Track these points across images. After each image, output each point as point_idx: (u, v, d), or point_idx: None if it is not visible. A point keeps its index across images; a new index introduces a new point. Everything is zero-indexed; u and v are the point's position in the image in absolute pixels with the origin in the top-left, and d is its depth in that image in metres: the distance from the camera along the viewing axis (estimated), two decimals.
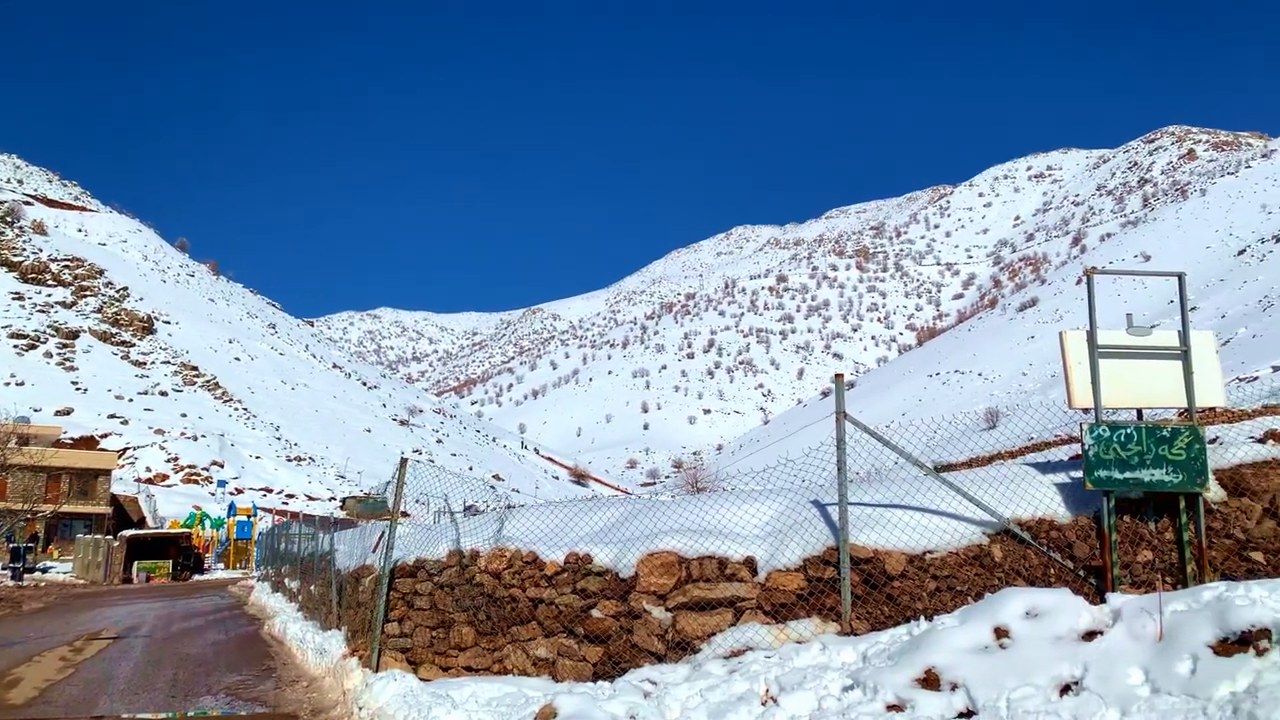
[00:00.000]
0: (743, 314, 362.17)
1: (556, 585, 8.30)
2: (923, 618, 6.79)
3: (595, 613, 7.95)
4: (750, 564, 7.58)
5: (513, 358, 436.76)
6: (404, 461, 10.36)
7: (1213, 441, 7.63)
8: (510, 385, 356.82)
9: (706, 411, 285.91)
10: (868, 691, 5.78)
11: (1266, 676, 4.48)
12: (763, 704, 6.15)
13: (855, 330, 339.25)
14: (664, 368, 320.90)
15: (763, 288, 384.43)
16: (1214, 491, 7.17)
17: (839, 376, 7.75)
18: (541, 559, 8.50)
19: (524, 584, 8.50)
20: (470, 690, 7.62)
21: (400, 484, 9.93)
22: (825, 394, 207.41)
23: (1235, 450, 7.41)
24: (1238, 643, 4.84)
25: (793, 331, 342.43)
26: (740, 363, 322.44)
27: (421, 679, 8.40)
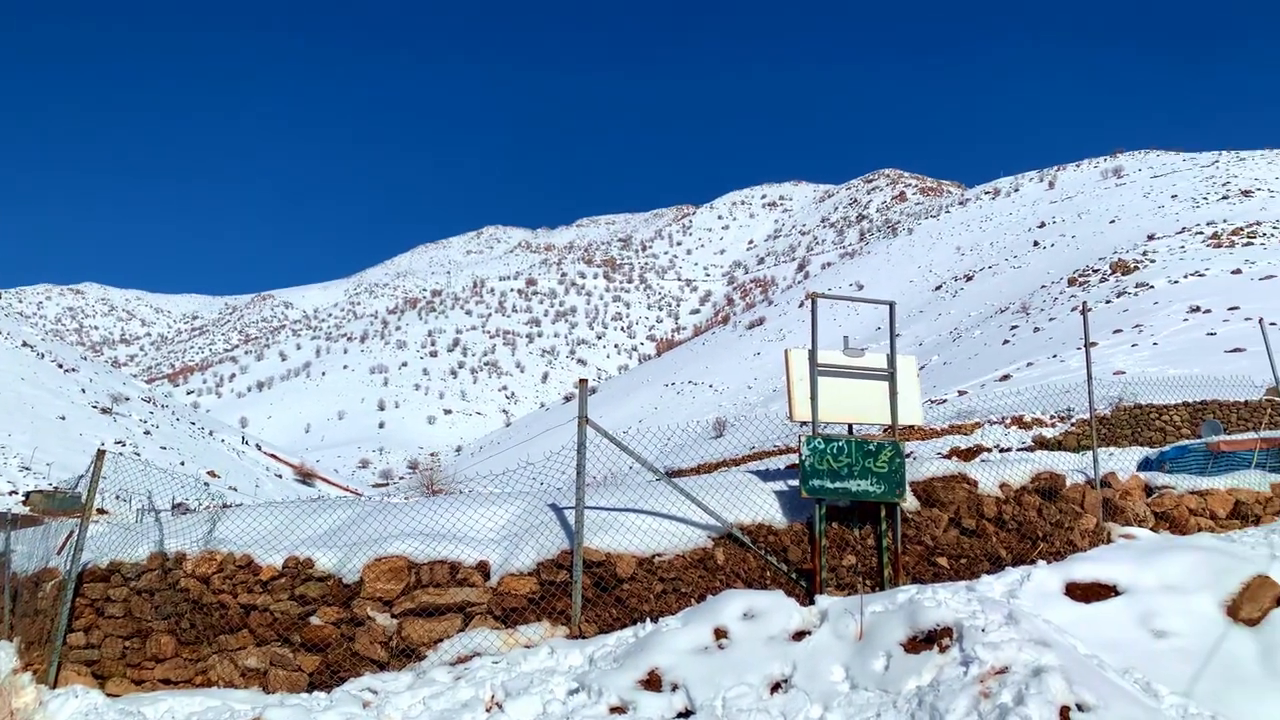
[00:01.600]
0: (490, 315, 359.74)
1: (273, 591, 7.74)
2: (649, 620, 6.96)
3: (315, 620, 7.49)
4: (483, 568, 7.45)
5: (237, 346, 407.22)
6: (101, 453, 9.29)
7: (909, 456, 8.42)
8: (233, 375, 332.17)
9: (447, 412, 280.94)
10: (592, 694, 5.83)
11: (947, 671, 4.97)
12: (487, 710, 6.05)
13: (600, 338, 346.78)
14: (405, 365, 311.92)
15: (512, 290, 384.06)
16: (910, 502, 7.91)
17: (582, 382, 7.81)
18: (258, 563, 7.90)
19: (236, 590, 7.86)
20: (167, 705, 6.93)
21: (96, 478, 8.89)
22: (568, 398, 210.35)
23: (928, 465, 8.22)
24: (925, 641, 5.34)
25: (539, 335, 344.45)
26: (485, 364, 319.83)
27: (109, 694, 7.55)
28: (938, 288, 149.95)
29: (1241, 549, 6.61)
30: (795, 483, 7.93)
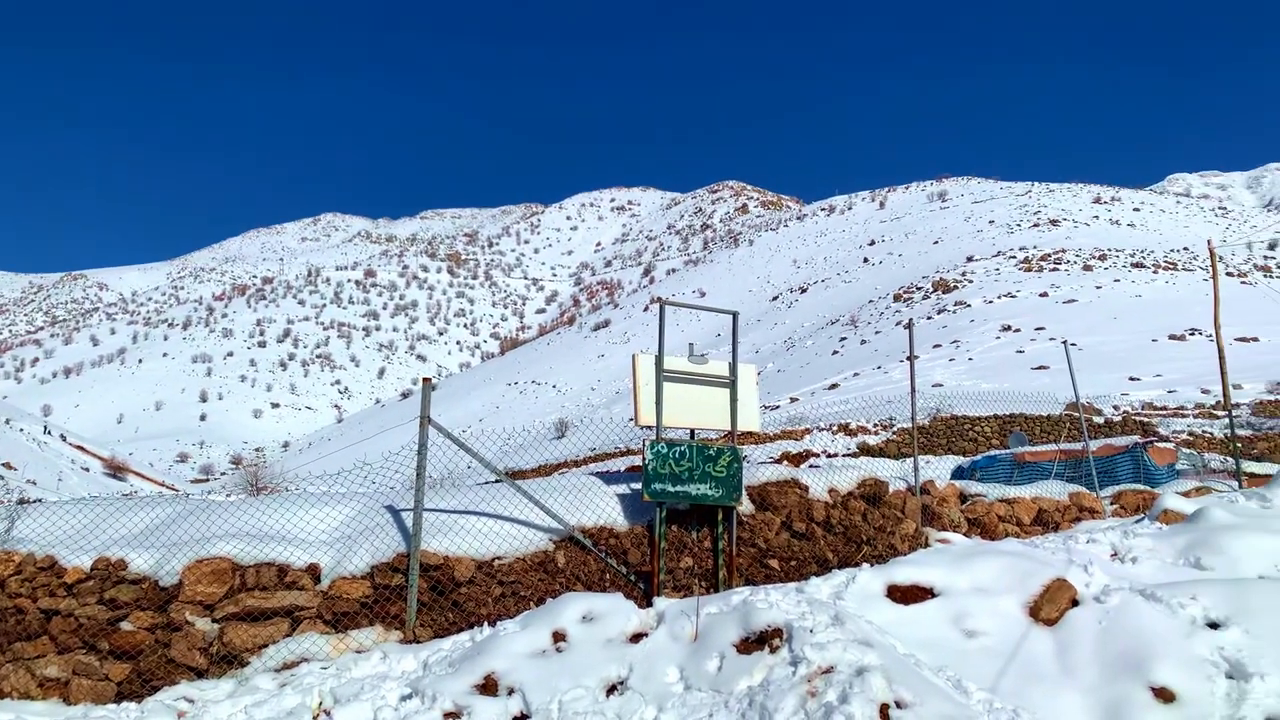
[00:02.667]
0: (325, 305, 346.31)
1: (79, 595, 7.17)
2: (487, 624, 6.88)
3: (126, 625, 6.99)
4: (314, 571, 7.17)
5: (42, 328, 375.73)
6: None
7: (746, 460, 8.68)
8: (36, 360, 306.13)
9: (275, 405, 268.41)
10: (426, 700, 5.71)
11: (777, 671, 5.15)
12: (315, 718, 5.83)
13: (441, 334, 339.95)
14: (230, 355, 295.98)
15: (349, 280, 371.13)
16: (746, 506, 8.15)
17: (426, 381, 7.64)
18: (62, 564, 7.29)
19: (37, 594, 7.23)
20: None
21: None
22: (406, 395, 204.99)
23: (764, 470, 8.49)
24: (757, 642, 5.51)
25: (377, 329, 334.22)
26: (318, 356, 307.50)
27: None
28: (775, 298, 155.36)
29: (1043, 554, 7.15)
30: (637, 486, 8.03)
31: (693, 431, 8.40)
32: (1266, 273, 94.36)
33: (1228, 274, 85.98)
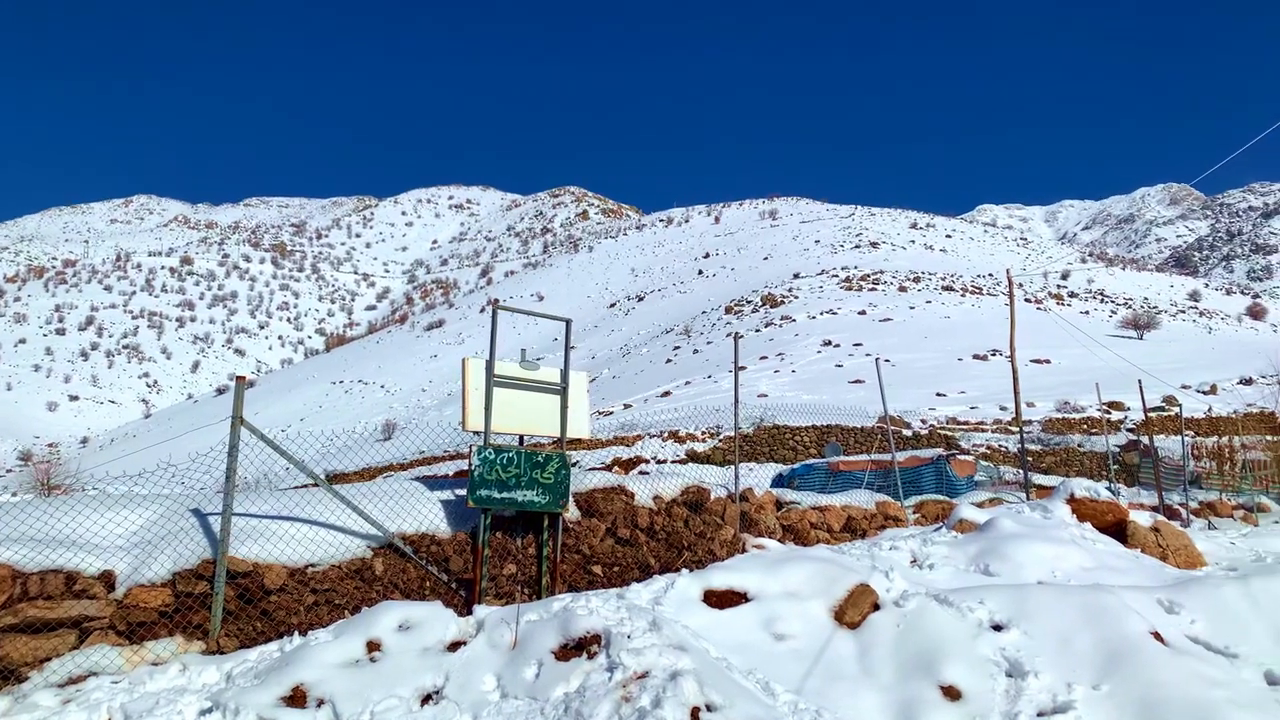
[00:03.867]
0: (135, 293, 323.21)
1: None
2: (298, 633, 6.62)
3: None
4: (108, 579, 6.68)
5: None
6: None
7: (575, 465, 8.74)
8: None
9: (74, 398, 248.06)
10: (228, 713, 5.45)
11: (594, 677, 5.21)
12: None
13: (263, 328, 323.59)
14: (23, 341, 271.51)
15: (163, 267, 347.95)
16: (572, 512, 8.20)
17: (240, 379, 7.29)
18: None
19: None
20: None
21: None
22: (221, 391, 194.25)
23: (592, 477, 8.58)
24: (575, 648, 5.56)
25: (193, 320, 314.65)
26: (125, 347, 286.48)
27: None
28: (612, 305, 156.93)
29: (849, 560, 7.55)
30: (463, 491, 7.94)
31: (521, 438, 8.38)
32: (1059, 300, 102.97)
33: (1026, 300, 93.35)
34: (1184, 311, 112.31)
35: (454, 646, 5.98)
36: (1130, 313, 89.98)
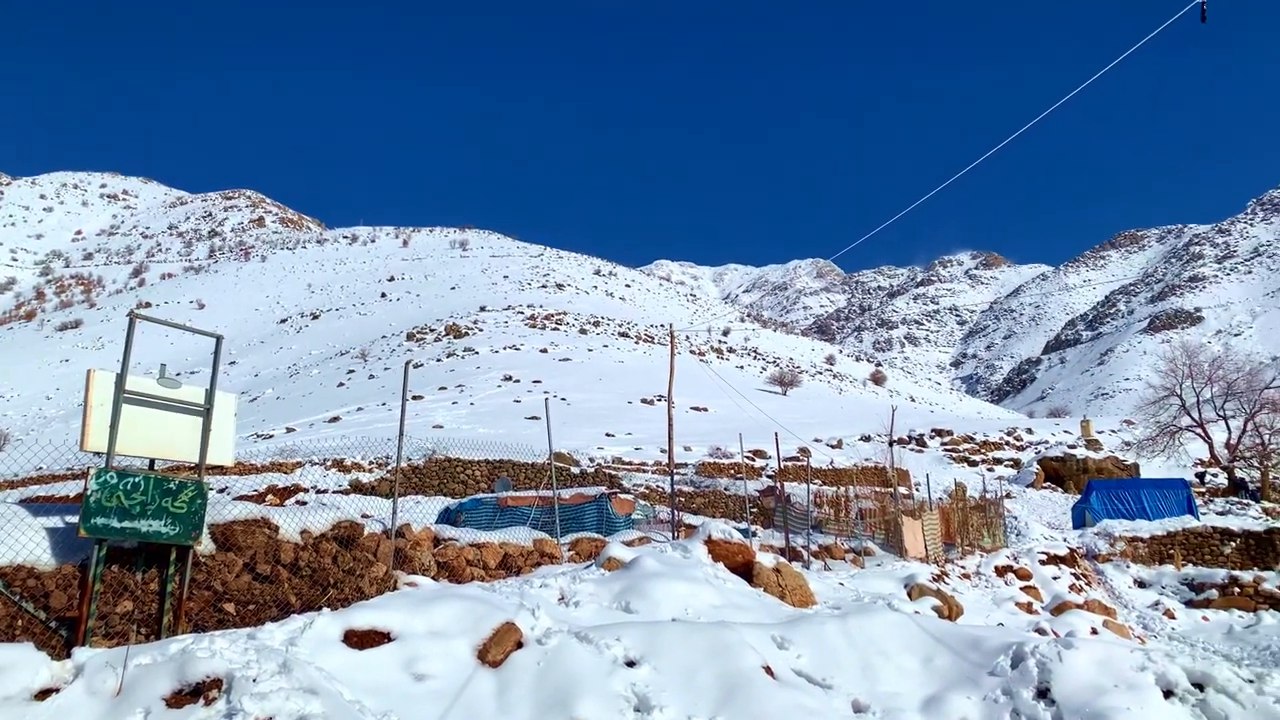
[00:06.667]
0: None
1: None
2: None
3: None
4: None
5: None
6: None
7: (223, 491, 8.10)
8: None
9: None
10: None
11: None
12: None
13: None
14: None
15: None
16: (206, 545, 7.57)
17: None
18: None
19: None
20: None
21: None
22: None
23: (232, 508, 7.98)
24: (192, 694, 5.12)
25: None
26: None
27: None
28: (284, 321, 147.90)
29: (498, 598, 7.63)
30: (76, 519, 7.06)
31: (153, 461, 7.63)
32: (720, 355, 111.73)
33: (691, 352, 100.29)
34: (821, 373, 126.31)
35: (44, 694, 5.28)
36: (778, 371, 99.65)
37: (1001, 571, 21.42)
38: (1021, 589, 20.29)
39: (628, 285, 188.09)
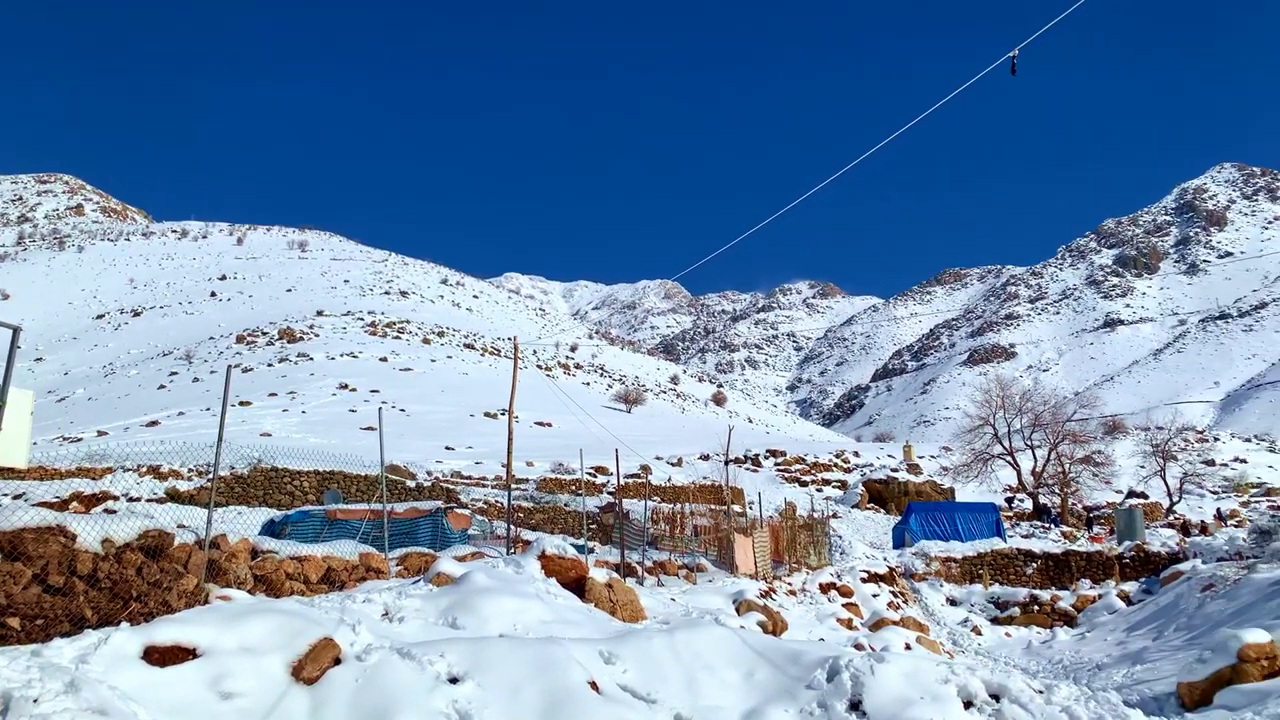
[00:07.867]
0: None
1: None
2: None
3: None
4: None
5: None
6: None
7: (22, 497, 7.46)
8: None
9: None
10: None
11: None
12: None
13: None
14: None
15: None
16: None
17: None
18: None
19: None
20: None
21: None
22: None
23: (23, 514, 7.36)
24: None
25: None
26: None
27: None
28: (101, 316, 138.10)
29: (317, 613, 7.33)
30: None
31: None
32: (567, 370, 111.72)
33: (538, 367, 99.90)
34: (666, 392, 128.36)
35: None
36: (623, 388, 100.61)
37: (826, 589, 22.32)
38: (843, 605, 21.20)
39: (475, 296, 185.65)
